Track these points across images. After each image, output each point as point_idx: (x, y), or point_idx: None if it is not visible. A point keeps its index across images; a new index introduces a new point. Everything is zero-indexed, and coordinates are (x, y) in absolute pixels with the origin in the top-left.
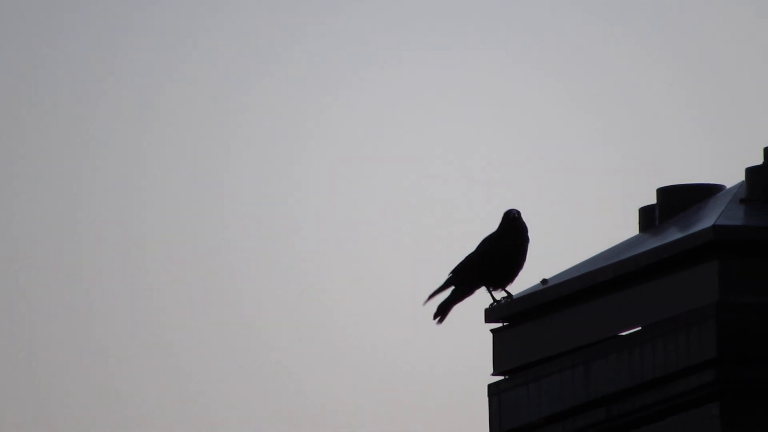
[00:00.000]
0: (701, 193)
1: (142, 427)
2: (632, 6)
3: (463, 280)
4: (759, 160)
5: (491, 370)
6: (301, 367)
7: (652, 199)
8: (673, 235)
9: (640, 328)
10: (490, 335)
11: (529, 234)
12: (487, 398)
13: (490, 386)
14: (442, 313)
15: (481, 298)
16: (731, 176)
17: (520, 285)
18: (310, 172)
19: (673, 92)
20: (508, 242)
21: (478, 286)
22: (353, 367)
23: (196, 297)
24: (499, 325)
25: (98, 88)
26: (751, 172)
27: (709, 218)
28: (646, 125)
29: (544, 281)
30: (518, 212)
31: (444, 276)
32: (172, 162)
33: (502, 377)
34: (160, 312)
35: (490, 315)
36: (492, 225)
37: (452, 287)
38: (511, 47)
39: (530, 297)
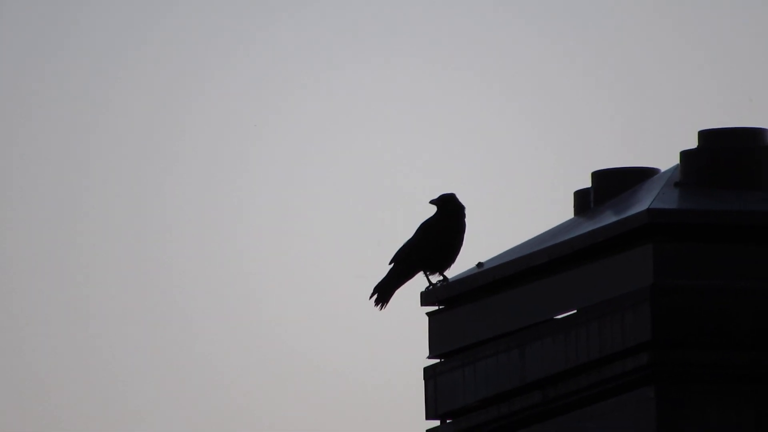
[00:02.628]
0: (636, 177)
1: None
2: None
3: (404, 264)
4: (693, 144)
5: (427, 353)
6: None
7: (587, 183)
8: (608, 218)
9: (575, 311)
10: (426, 318)
11: (465, 219)
12: (423, 381)
13: (426, 369)
14: (382, 296)
15: (418, 282)
16: (666, 160)
17: (455, 268)
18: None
19: (608, 76)
20: (448, 225)
21: (417, 270)
22: (287, 350)
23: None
24: (435, 308)
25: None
26: (685, 155)
27: (643, 202)
28: (580, 109)
29: (479, 264)
30: (454, 195)
31: (384, 265)
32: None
33: (438, 360)
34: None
35: (426, 298)
36: (428, 210)
37: (391, 270)
38: (446, 40)
39: (466, 280)
